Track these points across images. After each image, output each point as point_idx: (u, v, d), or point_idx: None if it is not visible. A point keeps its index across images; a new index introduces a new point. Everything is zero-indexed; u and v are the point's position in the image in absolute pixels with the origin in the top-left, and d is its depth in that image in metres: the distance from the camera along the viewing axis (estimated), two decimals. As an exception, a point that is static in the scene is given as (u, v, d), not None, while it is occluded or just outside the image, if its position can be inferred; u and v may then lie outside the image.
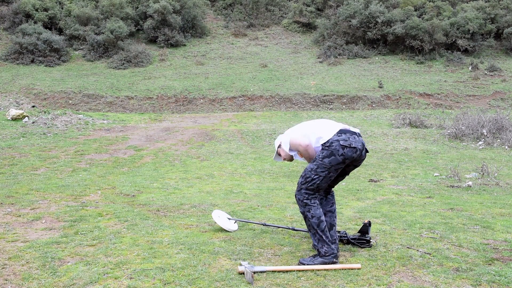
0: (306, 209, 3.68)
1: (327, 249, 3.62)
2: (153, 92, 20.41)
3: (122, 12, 27.24)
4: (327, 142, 3.64)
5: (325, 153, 3.63)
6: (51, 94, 19.70)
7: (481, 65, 24.72)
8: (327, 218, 3.85)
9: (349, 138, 3.65)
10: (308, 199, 3.69)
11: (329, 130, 3.71)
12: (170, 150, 10.72)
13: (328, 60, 25.49)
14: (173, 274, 3.43)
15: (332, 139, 3.63)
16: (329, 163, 3.62)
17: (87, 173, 8.12)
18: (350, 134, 3.69)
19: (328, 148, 3.62)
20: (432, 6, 27.93)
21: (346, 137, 3.64)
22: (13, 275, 3.44)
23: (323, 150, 3.65)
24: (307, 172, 3.68)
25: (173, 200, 6.03)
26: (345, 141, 3.62)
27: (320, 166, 3.64)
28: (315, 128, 3.78)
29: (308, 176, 3.67)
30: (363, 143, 3.74)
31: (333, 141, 3.62)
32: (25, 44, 24.18)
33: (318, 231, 3.65)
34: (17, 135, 11.85)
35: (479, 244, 4.15)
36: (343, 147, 3.60)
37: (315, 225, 3.65)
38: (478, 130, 12.63)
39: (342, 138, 3.63)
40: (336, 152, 3.60)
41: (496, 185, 7.29)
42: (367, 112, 18.20)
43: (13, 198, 5.92)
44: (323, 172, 3.64)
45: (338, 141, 3.61)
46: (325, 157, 3.63)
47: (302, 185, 3.70)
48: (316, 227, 3.65)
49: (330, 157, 3.61)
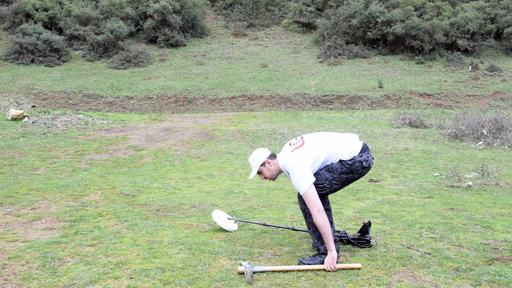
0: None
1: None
2: (153, 92, 20.41)
3: (122, 12, 27.25)
4: (350, 161, 3.63)
5: (345, 170, 3.63)
6: (51, 94, 19.71)
7: (481, 65, 24.73)
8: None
9: (368, 157, 3.67)
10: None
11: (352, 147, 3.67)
12: (170, 150, 10.72)
13: (328, 60, 25.49)
14: (173, 274, 3.43)
15: (354, 159, 3.63)
16: (346, 179, 3.66)
17: (87, 173, 8.12)
18: (367, 152, 3.70)
19: (350, 167, 3.62)
20: (432, 6, 27.93)
21: (366, 157, 3.66)
22: (13, 275, 3.43)
23: (342, 166, 3.63)
24: (320, 178, 3.63)
25: (173, 200, 6.03)
26: (366, 162, 3.65)
27: (336, 179, 3.64)
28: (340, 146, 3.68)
29: (321, 184, 3.63)
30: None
31: (356, 161, 3.63)
32: (25, 44, 24.19)
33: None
34: (17, 135, 11.85)
35: (479, 244, 4.15)
36: (363, 167, 3.65)
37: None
38: (478, 130, 12.63)
39: (363, 159, 3.65)
40: (356, 171, 3.65)
41: (496, 185, 7.29)
42: (367, 112, 18.20)
43: (13, 198, 5.92)
44: (336, 185, 3.67)
45: (361, 162, 3.63)
46: (343, 173, 3.64)
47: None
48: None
49: (348, 174, 3.65)
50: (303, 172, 3.54)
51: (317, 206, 3.49)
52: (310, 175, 3.55)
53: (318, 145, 3.67)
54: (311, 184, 3.52)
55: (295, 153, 3.65)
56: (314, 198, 3.51)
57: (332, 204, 5.87)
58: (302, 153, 3.62)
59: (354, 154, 3.63)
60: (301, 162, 3.57)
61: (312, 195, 3.51)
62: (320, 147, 3.66)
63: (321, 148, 3.65)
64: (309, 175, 3.54)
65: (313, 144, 3.67)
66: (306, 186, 3.50)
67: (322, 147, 3.66)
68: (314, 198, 3.51)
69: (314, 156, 3.62)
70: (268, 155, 3.78)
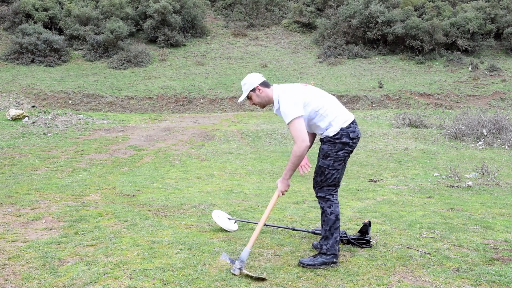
0: (327, 204, 3.66)
1: (330, 248, 3.61)
2: (153, 92, 20.41)
3: (122, 12, 27.27)
4: (337, 135, 3.59)
5: (338, 147, 3.60)
6: (51, 94, 19.71)
7: (481, 65, 24.74)
8: None
9: (356, 128, 3.66)
10: (331, 194, 3.67)
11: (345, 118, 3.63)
12: (170, 150, 10.72)
13: (328, 60, 25.50)
14: (173, 274, 3.43)
15: (342, 131, 3.58)
16: (343, 155, 3.62)
17: (87, 173, 8.12)
18: (355, 124, 3.68)
19: (339, 141, 3.59)
20: (432, 6, 27.95)
21: (353, 128, 3.63)
22: (13, 275, 3.43)
23: (334, 144, 3.60)
24: (324, 169, 3.64)
25: (173, 200, 6.03)
26: (353, 133, 3.62)
27: (336, 160, 3.61)
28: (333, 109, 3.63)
29: (327, 173, 3.63)
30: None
31: (343, 133, 3.58)
32: (25, 44, 24.20)
33: (332, 228, 3.64)
34: (17, 135, 11.85)
35: (479, 244, 4.15)
36: (352, 139, 3.61)
37: (332, 222, 3.64)
38: (478, 130, 12.63)
39: (351, 130, 3.61)
40: (347, 144, 3.60)
41: (496, 185, 7.29)
42: (367, 112, 18.20)
43: (13, 198, 5.92)
44: (340, 165, 3.64)
45: (348, 134, 3.59)
46: (338, 151, 3.61)
47: (323, 183, 3.66)
48: (332, 223, 3.64)
49: (343, 149, 3.61)
50: (293, 100, 3.53)
51: (302, 137, 3.47)
52: (300, 108, 3.52)
53: (316, 94, 3.66)
54: (299, 116, 3.48)
55: (292, 85, 3.72)
56: (300, 129, 3.48)
57: (332, 204, 5.88)
58: (299, 88, 3.66)
59: (343, 126, 3.57)
60: (294, 92, 3.59)
61: (299, 125, 3.48)
62: (317, 97, 3.63)
63: (317, 98, 3.62)
64: (299, 107, 3.51)
65: (313, 91, 3.69)
66: (293, 115, 3.47)
67: (319, 99, 3.63)
68: (300, 129, 3.48)
69: (308, 99, 3.58)
70: (261, 82, 3.69)
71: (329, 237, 3.64)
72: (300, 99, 3.55)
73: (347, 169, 8.97)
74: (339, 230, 3.69)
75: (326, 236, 3.66)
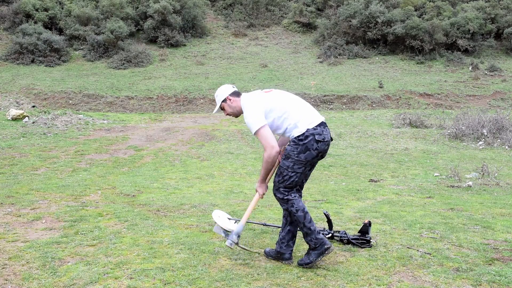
0: (289, 204, 3.60)
1: (316, 241, 3.56)
2: (153, 92, 20.41)
3: (122, 12, 27.27)
4: (302, 136, 3.51)
5: (300, 149, 3.51)
6: (51, 94, 19.71)
7: (481, 65, 24.74)
8: (291, 226, 3.78)
9: (323, 131, 3.54)
10: (289, 194, 3.61)
11: (310, 120, 3.56)
12: (170, 150, 10.72)
13: (328, 60, 25.50)
14: (173, 274, 3.43)
15: (307, 133, 3.50)
16: (305, 159, 3.52)
17: (87, 173, 8.12)
18: (323, 126, 3.58)
19: (303, 143, 3.50)
20: (432, 6, 27.95)
21: (320, 131, 3.53)
22: (13, 275, 3.43)
23: (297, 145, 3.52)
24: (283, 170, 3.58)
25: (173, 200, 6.03)
26: (319, 135, 3.51)
27: (296, 163, 3.53)
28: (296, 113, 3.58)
29: (285, 175, 3.57)
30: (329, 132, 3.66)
31: (308, 135, 3.50)
32: (25, 44, 24.20)
33: (305, 223, 3.57)
34: (17, 135, 11.85)
35: (480, 244, 4.15)
36: (317, 141, 3.50)
37: (301, 218, 3.57)
38: (478, 130, 12.63)
39: (316, 132, 3.51)
40: (311, 146, 3.50)
41: (496, 185, 7.29)
42: (367, 112, 18.20)
43: (13, 198, 5.92)
44: (300, 168, 3.55)
45: (314, 135, 3.50)
46: (300, 153, 3.51)
47: (280, 184, 3.61)
48: (303, 219, 3.57)
49: (305, 152, 3.51)
50: (253, 111, 3.55)
51: (271, 144, 3.48)
52: (262, 117, 3.53)
53: (279, 99, 3.63)
54: (263, 125, 3.50)
55: (254, 94, 3.70)
56: (267, 137, 3.49)
57: (332, 204, 5.88)
58: (260, 97, 3.65)
59: (309, 127, 3.50)
60: (254, 103, 3.59)
61: (264, 133, 3.49)
62: (280, 102, 3.61)
63: (279, 103, 3.60)
64: (260, 117, 3.52)
65: (276, 96, 3.66)
66: (256, 126, 3.49)
67: (282, 104, 3.60)
68: (267, 136, 3.49)
69: (270, 106, 3.57)
70: (231, 92, 3.75)
71: (308, 232, 3.58)
72: (260, 108, 3.56)
73: (347, 169, 8.97)
74: (312, 221, 3.60)
75: (305, 232, 3.59)
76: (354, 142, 12.32)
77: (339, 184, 7.52)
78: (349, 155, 10.55)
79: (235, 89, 3.79)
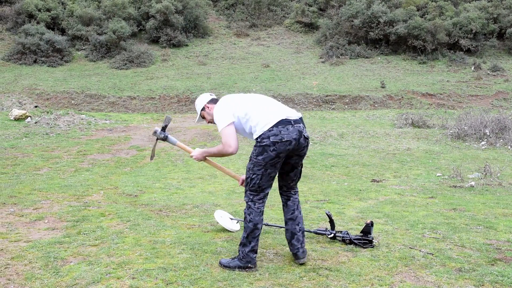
0: (248, 211, 3.58)
1: (245, 255, 3.54)
2: (155, 92, 20.43)
3: (124, 12, 27.29)
4: (259, 138, 3.48)
5: (258, 150, 3.48)
6: (54, 94, 19.74)
7: (484, 65, 24.68)
8: (288, 226, 3.76)
9: (281, 131, 3.42)
10: (252, 202, 3.57)
11: (265, 121, 3.49)
12: (172, 150, 10.73)
13: (330, 60, 25.48)
14: (175, 274, 3.43)
15: (263, 135, 3.46)
16: (263, 160, 3.46)
17: (89, 173, 8.14)
18: (283, 126, 3.45)
19: (259, 145, 3.47)
20: (434, 6, 27.90)
21: (277, 131, 3.42)
22: (15, 274, 3.44)
23: (255, 147, 3.51)
24: (246, 171, 3.58)
25: (175, 200, 6.03)
26: (276, 136, 3.41)
27: (256, 165, 3.50)
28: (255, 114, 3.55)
29: (248, 177, 3.56)
30: (300, 130, 3.51)
31: (264, 137, 3.45)
32: (27, 44, 24.23)
33: (250, 236, 3.56)
34: (20, 135, 11.87)
35: (482, 244, 4.14)
36: (274, 143, 3.43)
37: (249, 230, 3.55)
38: (481, 130, 12.60)
39: (272, 133, 3.42)
40: (268, 148, 3.44)
41: (499, 185, 7.27)
42: (370, 112, 18.18)
43: (16, 198, 5.93)
44: (259, 170, 3.49)
45: (269, 137, 3.43)
46: (258, 155, 3.48)
47: (246, 187, 3.61)
48: (250, 232, 3.55)
49: (262, 154, 3.45)
50: (221, 111, 3.62)
51: (229, 143, 3.53)
52: (230, 116, 3.57)
53: (242, 103, 3.65)
54: (228, 124, 3.55)
55: (227, 97, 3.79)
56: (228, 135, 3.54)
57: (334, 204, 5.88)
58: (230, 100, 3.71)
59: (264, 129, 3.46)
60: (223, 104, 3.67)
61: (227, 131, 3.54)
62: (242, 106, 3.62)
63: (241, 106, 3.62)
64: (227, 116, 3.57)
65: (240, 99, 3.69)
66: (222, 124, 3.55)
67: (244, 106, 3.61)
68: (228, 134, 3.54)
69: (234, 109, 3.61)
70: (208, 100, 3.86)
71: (246, 245, 3.56)
72: (228, 108, 3.62)
73: (349, 169, 8.96)
74: (257, 239, 3.58)
75: (243, 242, 3.58)
76: (356, 142, 12.31)
77: (341, 184, 7.52)
78: (351, 155, 10.54)
79: (212, 96, 3.89)
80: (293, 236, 3.73)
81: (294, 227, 3.74)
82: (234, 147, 3.53)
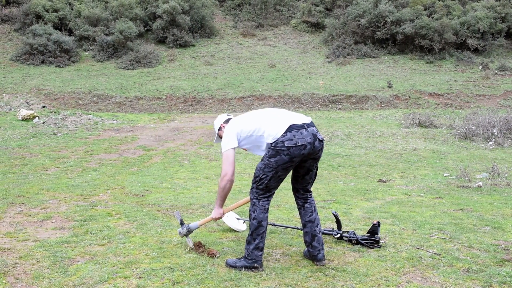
0: (252, 208, 3.60)
1: (250, 253, 3.55)
2: (162, 92, 20.48)
3: (131, 12, 27.38)
4: (274, 142, 3.50)
5: (271, 153, 3.51)
6: (61, 95, 19.85)
7: (492, 64, 24.52)
8: (307, 228, 3.74)
9: (295, 136, 3.46)
10: (257, 199, 3.60)
11: (276, 129, 3.53)
12: (179, 150, 10.75)
13: (337, 60, 25.42)
14: (182, 273, 3.44)
15: (277, 141, 3.49)
16: (276, 163, 3.49)
17: (96, 173, 8.17)
18: (297, 130, 3.49)
19: (273, 148, 3.50)
20: (442, 5, 27.75)
21: (291, 136, 3.46)
22: (23, 274, 3.47)
23: (269, 150, 3.54)
24: (256, 170, 3.61)
25: (182, 200, 6.05)
26: (290, 141, 3.45)
27: (267, 166, 3.53)
28: (264, 127, 3.59)
29: (257, 175, 3.59)
30: (314, 133, 3.54)
31: (278, 142, 3.48)
32: (35, 45, 24.37)
33: (254, 233, 3.57)
34: (28, 135, 11.95)
35: (490, 245, 4.12)
36: (288, 147, 3.46)
37: (254, 227, 3.57)
38: (489, 130, 12.52)
39: (287, 138, 3.46)
40: (282, 152, 3.47)
41: (507, 185, 7.23)
42: (376, 112, 18.12)
43: (24, 198, 5.97)
44: (270, 172, 3.52)
45: (283, 142, 3.46)
46: (271, 157, 3.51)
47: (253, 184, 3.64)
48: (254, 229, 3.57)
49: (275, 156, 3.49)
50: (227, 134, 3.71)
51: (226, 171, 3.61)
52: (233, 139, 3.66)
53: (247, 120, 3.71)
54: (231, 148, 3.64)
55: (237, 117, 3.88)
56: (227, 159, 3.64)
57: (341, 204, 5.86)
58: (237, 120, 3.78)
59: (277, 136, 3.50)
60: (230, 127, 3.76)
61: (228, 156, 3.64)
62: (248, 123, 3.68)
63: (248, 124, 3.68)
64: (231, 139, 3.67)
65: (246, 118, 3.76)
66: (226, 147, 3.66)
67: (250, 124, 3.67)
68: (227, 159, 3.64)
69: (240, 128, 3.68)
70: (224, 120, 3.97)
71: (251, 242, 3.57)
72: (233, 132, 3.69)
73: (356, 169, 8.94)
74: (262, 237, 3.59)
75: (248, 240, 3.60)
76: (363, 142, 12.28)
77: (348, 184, 7.50)
78: (358, 155, 10.52)
79: (229, 117, 3.99)
80: (314, 238, 3.71)
81: (314, 229, 3.73)
82: (230, 174, 3.62)
